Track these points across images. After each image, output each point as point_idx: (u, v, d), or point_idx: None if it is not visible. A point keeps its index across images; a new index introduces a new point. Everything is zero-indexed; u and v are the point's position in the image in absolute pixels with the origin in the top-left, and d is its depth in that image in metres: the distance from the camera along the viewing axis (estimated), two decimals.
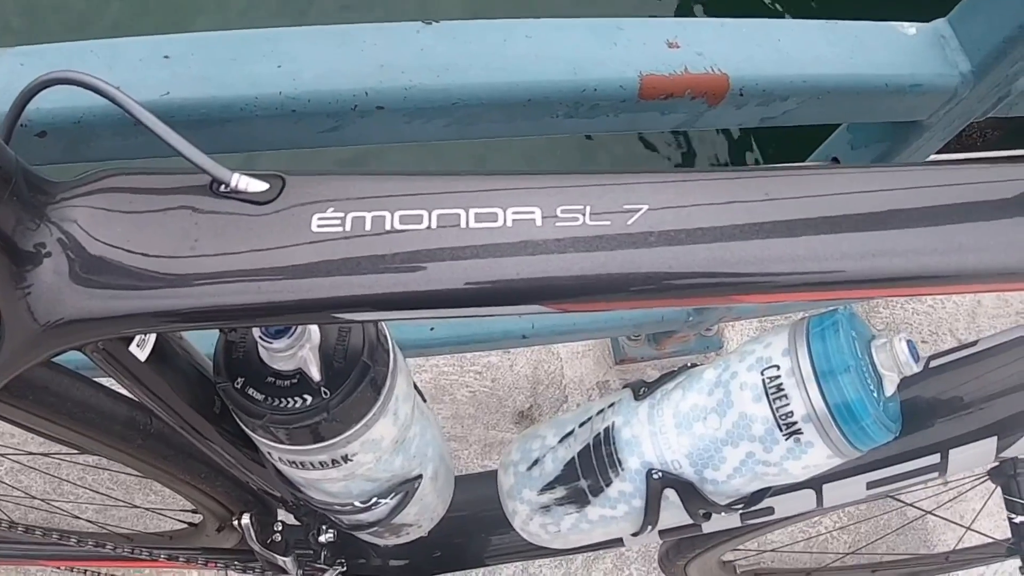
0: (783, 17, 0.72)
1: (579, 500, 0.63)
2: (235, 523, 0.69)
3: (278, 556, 0.71)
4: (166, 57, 0.59)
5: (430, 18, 0.62)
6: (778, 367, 0.54)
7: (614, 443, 0.61)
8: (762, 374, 0.55)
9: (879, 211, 0.39)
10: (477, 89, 0.61)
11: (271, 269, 0.35)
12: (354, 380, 0.44)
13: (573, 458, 0.63)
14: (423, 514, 0.64)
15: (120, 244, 0.36)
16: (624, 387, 0.65)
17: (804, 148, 1.00)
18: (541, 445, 0.66)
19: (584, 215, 0.36)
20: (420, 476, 0.58)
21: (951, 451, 0.61)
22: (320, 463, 0.47)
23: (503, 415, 1.29)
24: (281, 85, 0.58)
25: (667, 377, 0.62)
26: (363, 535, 0.64)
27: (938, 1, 0.83)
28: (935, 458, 0.62)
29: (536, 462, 0.66)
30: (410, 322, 0.72)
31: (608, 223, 0.36)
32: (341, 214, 0.35)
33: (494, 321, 1.14)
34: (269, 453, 0.49)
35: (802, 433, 0.53)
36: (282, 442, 0.46)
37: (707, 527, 0.72)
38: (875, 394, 0.52)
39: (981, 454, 0.61)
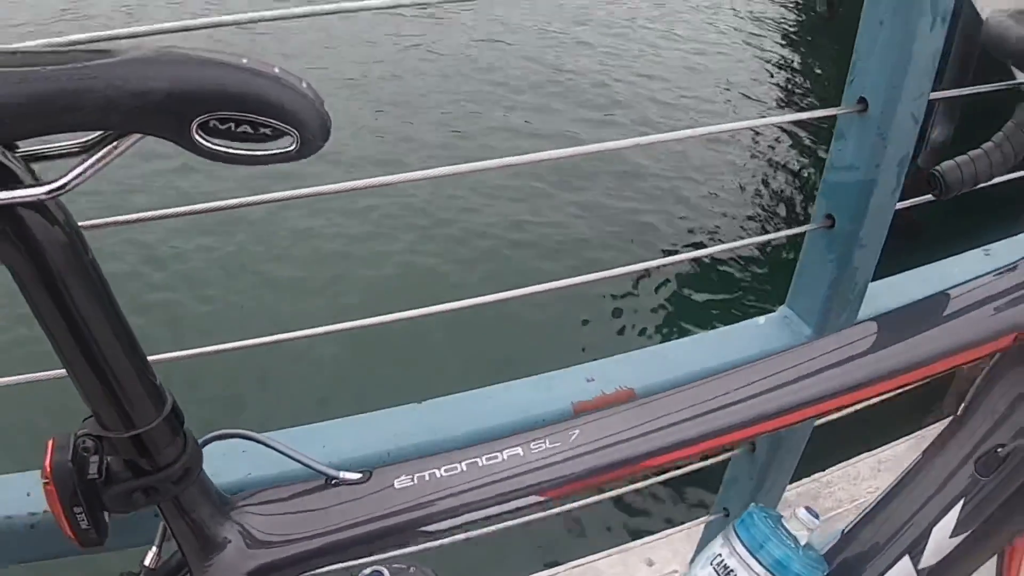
0: (675, 337, 1.08)
1: None
2: None
3: None
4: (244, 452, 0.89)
5: (421, 399, 0.96)
6: (721, 555, 0.81)
7: None
8: (711, 563, 0.81)
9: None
10: (462, 439, 0.93)
11: (377, 511, 0.63)
12: None
13: None
14: None
15: (281, 534, 0.64)
16: None
17: None
18: None
19: (544, 443, 0.66)
20: None
21: None
22: None
23: None
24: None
25: None
26: None
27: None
28: None
29: None
30: None
31: (559, 444, 0.66)
32: (410, 475, 0.65)
33: None
34: None
35: None
36: None
37: None
38: (795, 547, 0.79)
39: (905, 573, 0.83)
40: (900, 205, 1.04)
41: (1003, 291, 0.80)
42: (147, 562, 0.68)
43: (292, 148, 0.47)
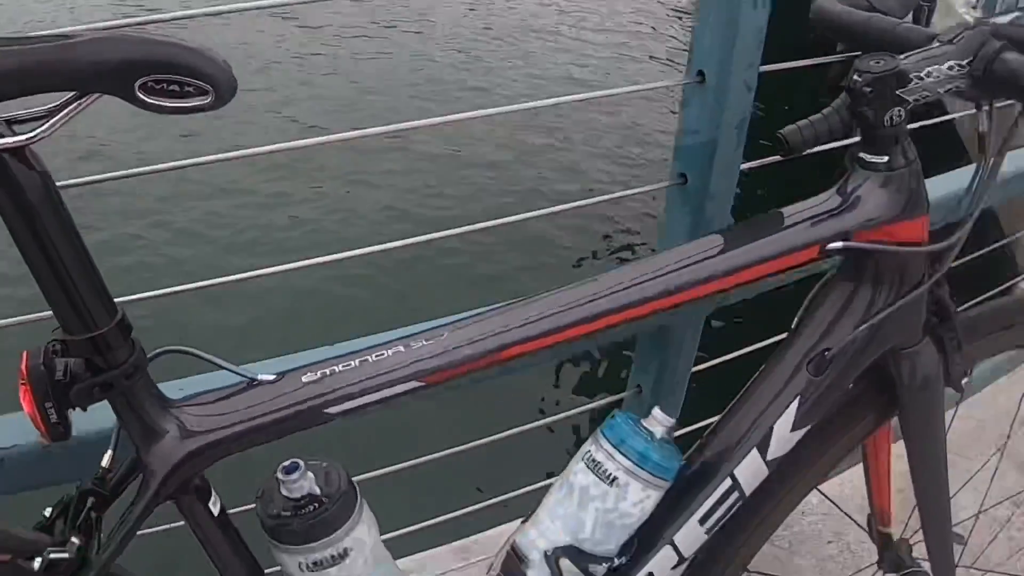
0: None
1: None
2: None
3: None
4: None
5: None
6: (591, 451, 1.04)
7: (518, 551, 1.05)
8: (583, 459, 1.04)
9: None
10: None
11: (288, 401, 0.85)
12: (343, 484, 0.91)
13: (499, 574, 1.06)
14: None
15: (210, 425, 0.85)
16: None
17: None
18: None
19: (422, 341, 0.88)
20: None
21: (734, 472, 1.08)
22: (331, 558, 0.91)
23: None
24: None
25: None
26: None
27: None
28: (728, 482, 1.08)
29: None
30: None
31: (434, 342, 0.89)
32: (314, 371, 0.87)
33: None
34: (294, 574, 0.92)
35: (618, 479, 1.01)
36: (307, 541, 0.90)
37: None
38: (652, 441, 1.02)
39: (755, 464, 1.07)
40: (747, 165, 1.29)
41: (814, 213, 1.03)
42: (104, 463, 0.89)
43: (209, 101, 0.69)
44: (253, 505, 0.95)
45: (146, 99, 0.67)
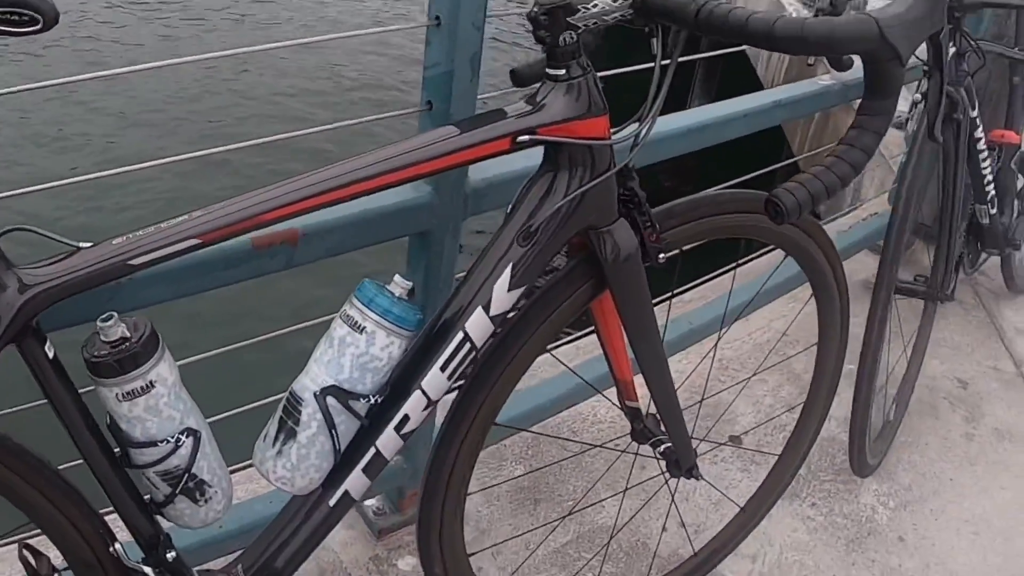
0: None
1: (291, 433, 1.54)
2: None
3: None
4: None
5: None
6: (346, 309, 1.54)
7: (294, 395, 1.56)
8: (340, 317, 1.54)
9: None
10: None
11: (101, 258, 1.32)
12: (148, 331, 1.39)
13: (280, 416, 1.56)
14: (214, 475, 1.52)
15: (42, 281, 1.32)
16: None
17: None
18: (265, 424, 1.58)
19: (201, 212, 1.38)
20: (200, 431, 1.49)
21: (465, 327, 1.59)
22: (140, 388, 1.38)
23: None
24: None
25: None
26: (184, 503, 1.51)
27: None
28: (461, 335, 1.58)
29: (265, 436, 1.58)
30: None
31: (209, 213, 1.39)
32: (122, 237, 1.33)
33: None
34: (112, 407, 1.40)
35: (366, 328, 1.52)
36: (120, 373, 1.37)
37: (384, 448, 1.62)
38: (394, 299, 1.53)
39: (482, 320, 1.56)
40: (484, 96, 1.84)
41: (510, 113, 1.50)
42: None
43: (40, 27, 1.17)
44: None
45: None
